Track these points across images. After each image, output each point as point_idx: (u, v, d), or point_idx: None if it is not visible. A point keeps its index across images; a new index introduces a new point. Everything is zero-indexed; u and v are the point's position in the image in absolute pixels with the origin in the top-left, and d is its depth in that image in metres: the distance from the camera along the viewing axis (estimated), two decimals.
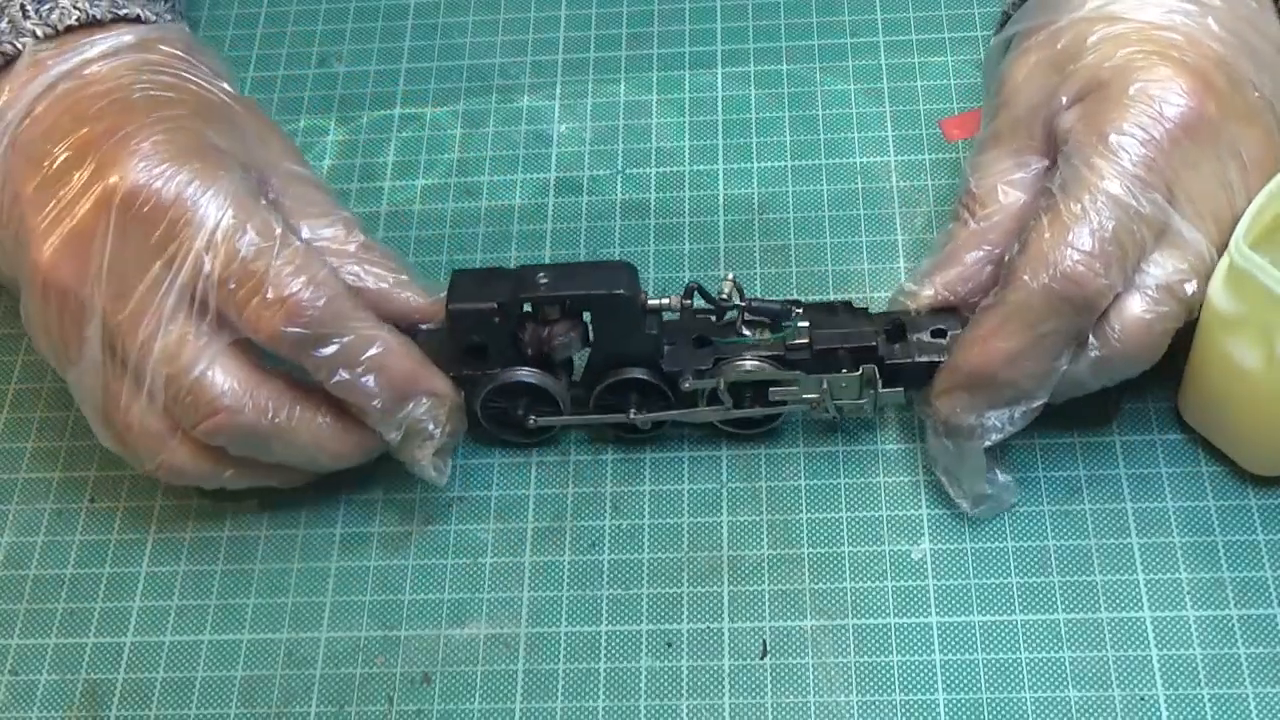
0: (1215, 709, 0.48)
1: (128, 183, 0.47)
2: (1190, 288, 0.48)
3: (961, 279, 0.52)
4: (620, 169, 0.63)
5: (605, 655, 0.51)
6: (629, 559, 0.53)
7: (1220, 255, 0.48)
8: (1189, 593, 0.50)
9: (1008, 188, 0.51)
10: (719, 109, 0.65)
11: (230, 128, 0.51)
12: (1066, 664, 0.49)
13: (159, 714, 0.51)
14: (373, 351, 0.49)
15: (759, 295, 0.58)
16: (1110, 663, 0.49)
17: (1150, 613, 0.50)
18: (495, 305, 0.50)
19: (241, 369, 0.49)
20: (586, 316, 0.52)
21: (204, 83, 0.52)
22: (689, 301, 0.52)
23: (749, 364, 0.52)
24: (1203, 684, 0.49)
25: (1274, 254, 0.46)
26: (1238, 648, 0.49)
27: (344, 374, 0.49)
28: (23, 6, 0.52)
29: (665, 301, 0.52)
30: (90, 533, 0.55)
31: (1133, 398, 0.54)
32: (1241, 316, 0.47)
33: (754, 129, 0.64)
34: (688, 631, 0.51)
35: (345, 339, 0.48)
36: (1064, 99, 0.50)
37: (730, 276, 0.52)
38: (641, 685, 0.50)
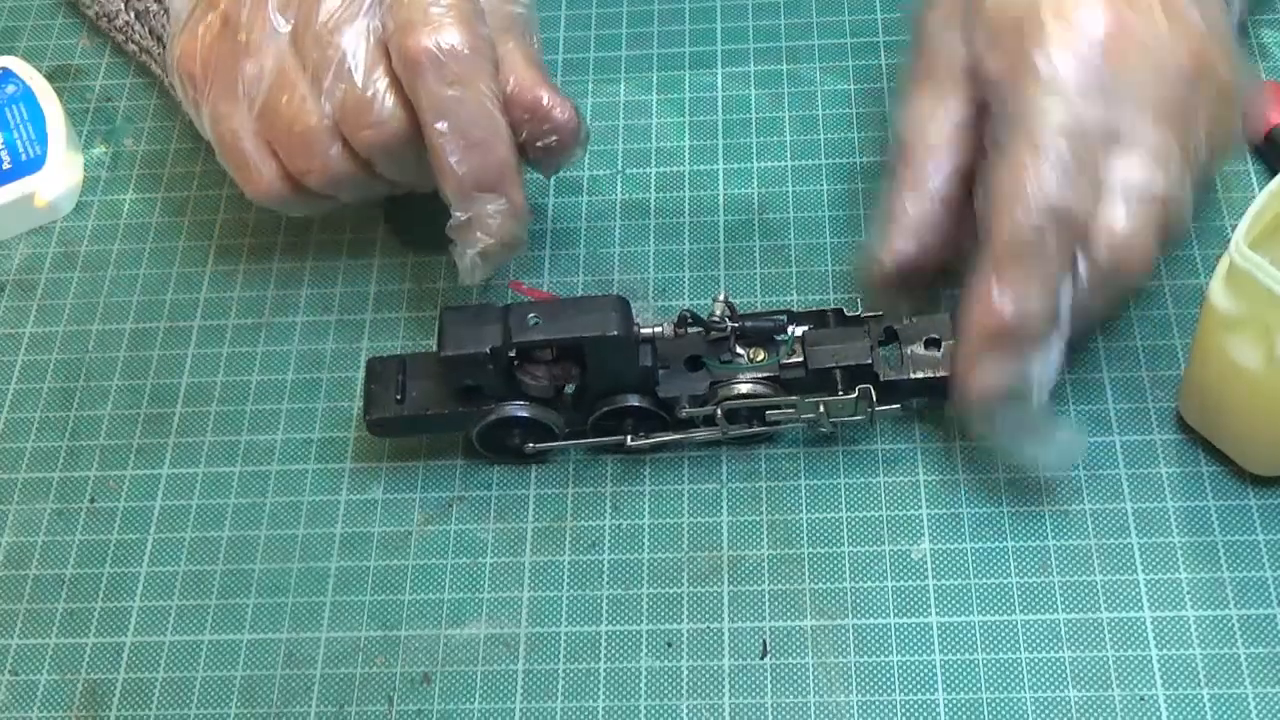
0: (1215, 709, 0.48)
1: None
2: (1160, 181, 0.47)
3: (916, 224, 0.51)
4: (620, 169, 0.63)
5: (605, 655, 0.51)
6: (629, 559, 0.53)
7: (1176, 143, 0.48)
8: (1189, 593, 0.50)
9: (933, 129, 0.51)
10: (719, 109, 0.65)
11: None
12: (1066, 664, 0.49)
13: (159, 714, 0.51)
14: (482, 125, 0.51)
15: (757, 296, 0.58)
16: (1110, 663, 0.49)
17: (1150, 613, 0.50)
18: (487, 351, 0.50)
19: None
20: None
21: None
22: (683, 331, 0.52)
23: (745, 388, 0.52)
24: (1203, 684, 0.49)
25: (1274, 254, 0.46)
26: (1238, 648, 0.49)
27: (444, 127, 0.50)
28: None
29: (658, 330, 0.51)
30: (90, 533, 0.55)
31: (1133, 398, 0.54)
32: (1241, 316, 0.47)
33: (754, 129, 0.64)
34: (688, 631, 0.51)
35: (466, 100, 0.50)
36: (980, 40, 0.50)
37: (722, 297, 0.52)
38: (641, 685, 0.50)
